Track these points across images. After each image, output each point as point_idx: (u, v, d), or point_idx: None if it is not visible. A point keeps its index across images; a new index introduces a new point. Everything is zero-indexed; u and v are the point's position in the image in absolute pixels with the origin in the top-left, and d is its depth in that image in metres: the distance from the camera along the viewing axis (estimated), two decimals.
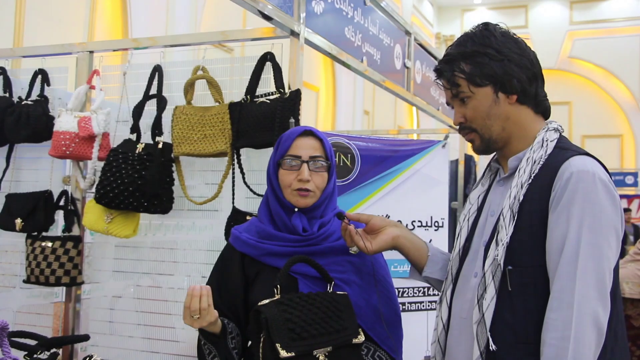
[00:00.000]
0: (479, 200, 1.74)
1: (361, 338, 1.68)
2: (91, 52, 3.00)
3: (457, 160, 5.35)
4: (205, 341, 1.69)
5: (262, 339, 1.59)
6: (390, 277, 1.93)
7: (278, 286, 1.65)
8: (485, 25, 1.64)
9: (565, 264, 1.43)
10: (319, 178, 1.80)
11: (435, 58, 4.69)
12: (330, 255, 1.80)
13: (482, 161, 6.07)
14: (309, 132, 1.83)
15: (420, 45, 4.34)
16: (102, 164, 2.71)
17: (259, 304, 1.62)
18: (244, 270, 1.80)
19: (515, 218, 1.51)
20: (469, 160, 5.64)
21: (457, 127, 1.70)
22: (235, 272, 1.81)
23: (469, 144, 1.71)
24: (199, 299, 1.56)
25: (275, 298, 1.63)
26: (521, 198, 1.52)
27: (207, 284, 1.87)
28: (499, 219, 1.55)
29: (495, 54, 1.58)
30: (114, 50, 3.08)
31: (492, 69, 1.58)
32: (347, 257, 1.82)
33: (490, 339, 1.48)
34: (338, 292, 1.72)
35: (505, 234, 1.50)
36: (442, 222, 3.24)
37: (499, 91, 1.59)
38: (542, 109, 1.66)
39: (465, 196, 5.22)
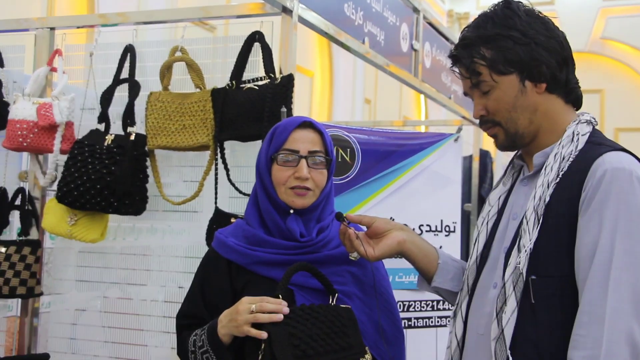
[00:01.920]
0: (499, 202, 1.75)
1: (368, 358, 1.70)
2: (52, 28, 3.00)
3: (471, 156, 5.38)
4: (213, 350, 1.69)
5: (260, 355, 1.62)
6: (391, 289, 1.96)
7: (279, 296, 1.67)
8: (507, 4, 1.64)
9: (596, 274, 1.44)
10: (319, 175, 1.81)
11: (446, 39, 4.72)
12: (329, 264, 1.82)
13: (499, 157, 6.10)
14: (308, 124, 1.85)
15: (430, 24, 4.37)
16: (65, 157, 2.72)
17: None
18: (231, 280, 1.81)
19: (541, 222, 1.52)
20: (484, 156, 5.67)
21: (477, 120, 1.71)
22: (221, 282, 1.81)
23: (485, 138, 1.73)
24: (274, 310, 1.61)
25: None
26: (547, 199, 1.53)
27: (187, 295, 1.89)
28: (521, 222, 1.57)
29: (520, 37, 1.58)
30: (79, 27, 3.08)
31: (517, 54, 1.58)
32: (347, 267, 1.84)
33: (511, 358, 1.49)
34: (341, 306, 1.74)
35: (528, 240, 1.51)
36: (454, 227, 3.27)
37: (525, 79, 1.60)
38: (574, 98, 1.67)
39: (480, 197, 5.26)
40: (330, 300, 1.76)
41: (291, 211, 1.81)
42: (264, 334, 1.61)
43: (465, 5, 17.36)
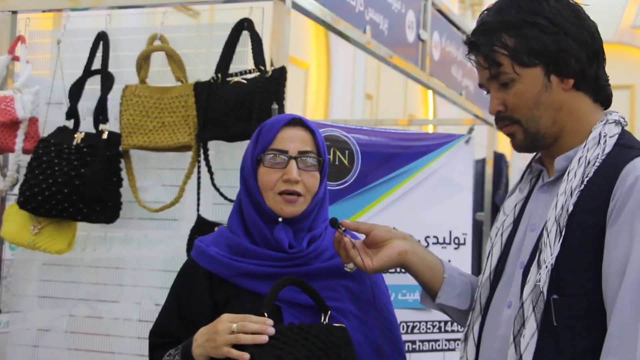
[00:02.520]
0: (515, 211, 1.75)
1: None
2: (14, 12, 3.01)
3: (483, 160, 5.40)
4: None
5: None
6: (392, 306, 1.97)
7: (265, 315, 1.69)
8: None
9: (627, 293, 1.44)
10: (310, 179, 1.82)
11: (458, 28, 4.75)
12: (321, 278, 1.82)
13: (516, 161, 6.13)
14: (298, 121, 1.85)
15: (440, 11, 4.39)
16: (28, 157, 2.72)
17: None
18: (212, 294, 1.82)
19: (563, 234, 1.52)
20: (499, 159, 5.69)
21: (493, 117, 1.71)
22: (201, 295, 1.82)
23: (500, 139, 1.74)
24: (257, 330, 1.61)
25: None
26: (570, 208, 1.53)
27: (161, 311, 1.89)
28: (541, 234, 1.57)
29: (548, 25, 1.58)
30: (45, 11, 3.10)
31: (543, 45, 1.58)
32: (342, 281, 1.85)
33: None
34: (335, 325, 1.74)
35: (549, 254, 1.51)
36: (464, 239, 3.28)
37: (551, 73, 1.60)
38: (603, 97, 1.68)
39: (494, 205, 5.27)
40: (322, 318, 1.76)
41: (280, 219, 1.81)
42: (246, 356, 1.61)
43: None
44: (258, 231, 1.82)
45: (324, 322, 1.74)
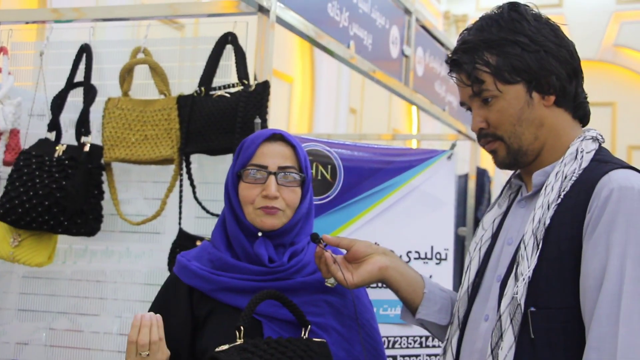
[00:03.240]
0: (494, 225, 1.78)
1: None
2: None
3: (466, 175, 5.43)
4: None
5: None
6: (375, 321, 1.97)
7: (241, 328, 1.68)
8: (514, 6, 1.67)
9: (604, 305, 1.45)
10: (291, 194, 1.83)
11: (442, 44, 4.79)
12: (303, 293, 1.83)
13: (498, 177, 6.17)
14: (279, 137, 1.87)
15: (424, 27, 4.43)
16: (8, 170, 2.72)
17: (217, 349, 1.64)
18: (193, 309, 1.82)
19: (540, 247, 1.53)
20: (481, 175, 5.73)
21: (476, 133, 1.73)
22: (180, 310, 1.82)
23: (482, 155, 1.75)
24: (149, 329, 1.59)
25: (236, 343, 1.66)
26: (547, 222, 1.55)
27: None
28: (519, 247, 1.59)
29: (529, 43, 1.61)
30: (28, 23, 3.09)
31: (525, 62, 1.61)
32: (324, 296, 1.86)
33: None
34: (315, 340, 1.75)
35: (526, 267, 1.53)
36: (446, 254, 3.29)
37: (533, 90, 1.63)
38: (581, 114, 1.70)
39: (476, 220, 5.30)
40: (303, 333, 1.76)
41: (259, 234, 1.82)
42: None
43: (463, 7, 17.47)
44: (239, 244, 1.83)
45: (304, 337, 1.75)
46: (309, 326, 1.78)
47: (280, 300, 1.76)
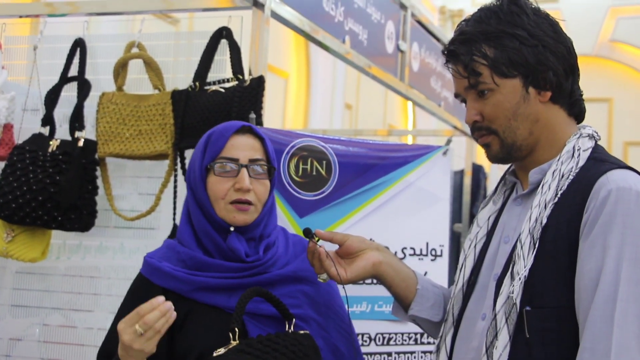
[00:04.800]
0: (489, 222, 1.77)
1: None
2: None
3: (462, 171, 5.44)
4: None
5: None
6: (345, 305, 1.96)
7: (235, 330, 1.66)
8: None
9: (599, 306, 1.45)
10: (261, 187, 1.83)
11: (437, 39, 4.78)
12: (279, 285, 1.83)
13: (494, 173, 6.18)
14: (247, 129, 1.86)
15: (419, 22, 4.43)
16: (2, 164, 2.72)
17: (215, 354, 1.64)
18: None
19: (537, 246, 1.53)
20: (477, 171, 5.74)
21: (469, 126, 1.73)
22: None
23: (478, 151, 1.74)
24: (160, 317, 1.55)
25: (232, 345, 1.65)
26: (544, 221, 1.54)
27: (109, 331, 1.85)
28: (515, 246, 1.58)
29: (527, 37, 1.61)
30: (22, 17, 3.09)
31: (523, 56, 1.61)
32: (299, 287, 1.86)
33: None
34: (300, 332, 1.76)
35: (523, 266, 1.53)
36: (441, 251, 3.30)
37: (529, 85, 1.63)
38: (577, 111, 1.70)
39: (472, 217, 5.30)
40: (287, 326, 1.77)
41: (231, 229, 1.80)
42: (160, 298, 1.56)
43: (459, 2, 17.47)
44: (211, 241, 1.81)
45: (290, 331, 1.75)
46: (294, 319, 1.78)
47: (266, 296, 1.76)
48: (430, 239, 3.26)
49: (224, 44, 2.60)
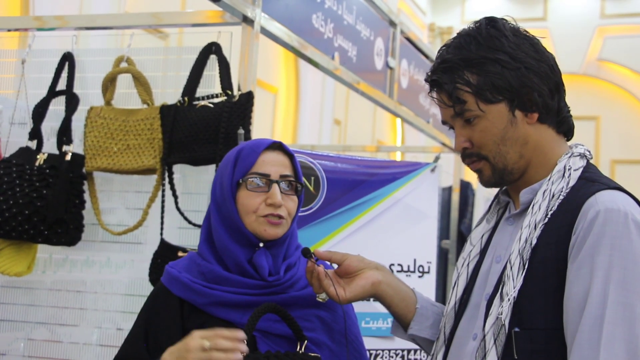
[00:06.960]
0: (482, 241, 1.77)
1: None
2: None
3: (450, 188, 5.45)
4: None
5: None
6: (361, 337, 1.97)
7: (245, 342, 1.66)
8: (492, 22, 1.65)
9: (587, 328, 1.45)
10: (291, 202, 1.83)
11: (426, 56, 4.81)
12: (296, 307, 1.81)
13: (482, 190, 6.19)
14: (278, 146, 1.86)
15: (408, 39, 4.45)
16: None
17: None
18: (183, 322, 1.79)
19: (526, 267, 1.53)
20: (465, 188, 5.75)
21: (459, 153, 1.71)
22: (171, 323, 1.79)
23: (466, 168, 1.73)
24: (229, 348, 1.56)
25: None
26: (534, 242, 1.54)
27: (127, 338, 1.86)
28: (505, 267, 1.58)
29: (509, 60, 1.60)
30: (10, 30, 3.08)
31: (506, 80, 1.60)
32: (315, 311, 1.84)
33: None
34: (311, 354, 1.74)
35: (512, 287, 1.52)
36: (429, 267, 3.30)
37: (515, 108, 1.62)
38: (565, 129, 1.70)
39: (460, 233, 5.33)
40: (299, 347, 1.75)
41: (261, 244, 1.81)
42: None
43: (448, 18, 17.57)
44: (231, 258, 1.80)
45: (300, 352, 1.73)
46: (306, 341, 1.76)
47: (280, 314, 1.74)
48: (417, 256, 3.27)
49: (213, 59, 2.60)
